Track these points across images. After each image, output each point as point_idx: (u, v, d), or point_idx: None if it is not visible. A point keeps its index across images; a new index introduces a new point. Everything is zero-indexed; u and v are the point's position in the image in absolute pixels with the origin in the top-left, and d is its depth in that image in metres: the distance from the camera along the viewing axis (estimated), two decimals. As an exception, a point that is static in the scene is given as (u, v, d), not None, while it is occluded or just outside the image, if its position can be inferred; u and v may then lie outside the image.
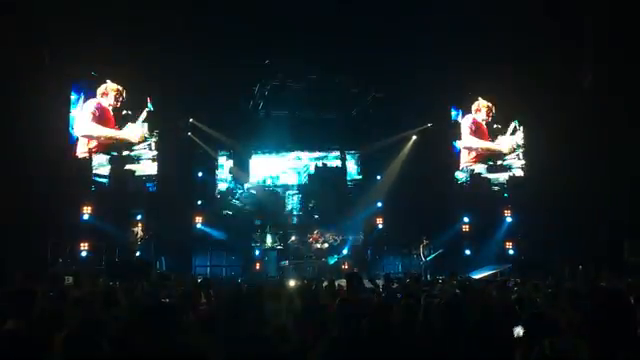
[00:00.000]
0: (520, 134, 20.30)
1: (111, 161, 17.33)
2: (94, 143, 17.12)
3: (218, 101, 18.35)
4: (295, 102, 18.64)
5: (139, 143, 17.58)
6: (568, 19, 16.21)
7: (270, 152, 20.53)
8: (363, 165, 21.23)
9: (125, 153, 17.48)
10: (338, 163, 21.17)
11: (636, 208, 15.65)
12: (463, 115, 20.21)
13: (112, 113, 17.32)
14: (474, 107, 20.25)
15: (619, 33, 15.54)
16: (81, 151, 16.99)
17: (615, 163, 16.39)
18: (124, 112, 17.39)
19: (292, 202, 20.54)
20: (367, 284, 9.71)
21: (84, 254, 15.89)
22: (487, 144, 20.28)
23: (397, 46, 16.58)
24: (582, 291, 6.37)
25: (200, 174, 19.22)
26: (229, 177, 20.12)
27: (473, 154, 20.24)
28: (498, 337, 4.02)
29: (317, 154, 20.89)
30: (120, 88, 17.33)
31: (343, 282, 12.53)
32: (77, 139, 16.93)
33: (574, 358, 2.88)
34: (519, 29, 16.49)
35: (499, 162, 20.32)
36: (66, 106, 16.76)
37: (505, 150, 20.31)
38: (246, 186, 20.12)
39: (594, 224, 16.90)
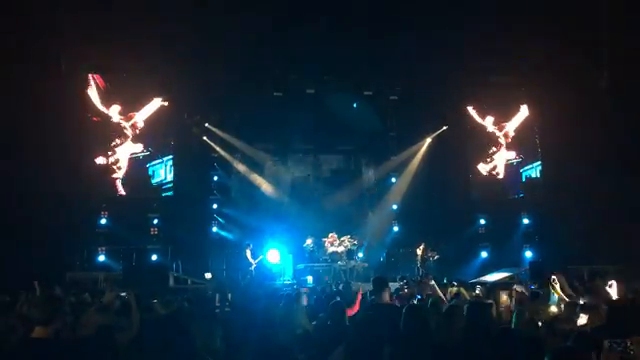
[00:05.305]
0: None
1: (128, 166, 17.47)
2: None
3: (233, 106, 18.45)
4: (309, 105, 18.62)
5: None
6: (585, 15, 16.01)
7: (285, 155, 20.51)
8: (377, 168, 21.10)
9: (141, 156, 17.62)
10: (352, 166, 21.06)
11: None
12: (478, 115, 19.96)
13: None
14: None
15: (636, 30, 15.32)
16: (98, 157, 17.15)
17: (633, 164, 16.13)
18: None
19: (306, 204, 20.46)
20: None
21: (102, 259, 16.06)
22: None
23: (412, 47, 16.51)
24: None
25: (216, 178, 19.28)
26: (244, 180, 20.10)
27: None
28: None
29: (332, 157, 20.78)
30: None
31: (360, 285, 12.57)
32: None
33: None
34: (535, 26, 16.31)
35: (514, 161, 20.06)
36: (83, 111, 16.93)
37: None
38: (263, 189, 20.06)
39: (613, 224, 16.63)
